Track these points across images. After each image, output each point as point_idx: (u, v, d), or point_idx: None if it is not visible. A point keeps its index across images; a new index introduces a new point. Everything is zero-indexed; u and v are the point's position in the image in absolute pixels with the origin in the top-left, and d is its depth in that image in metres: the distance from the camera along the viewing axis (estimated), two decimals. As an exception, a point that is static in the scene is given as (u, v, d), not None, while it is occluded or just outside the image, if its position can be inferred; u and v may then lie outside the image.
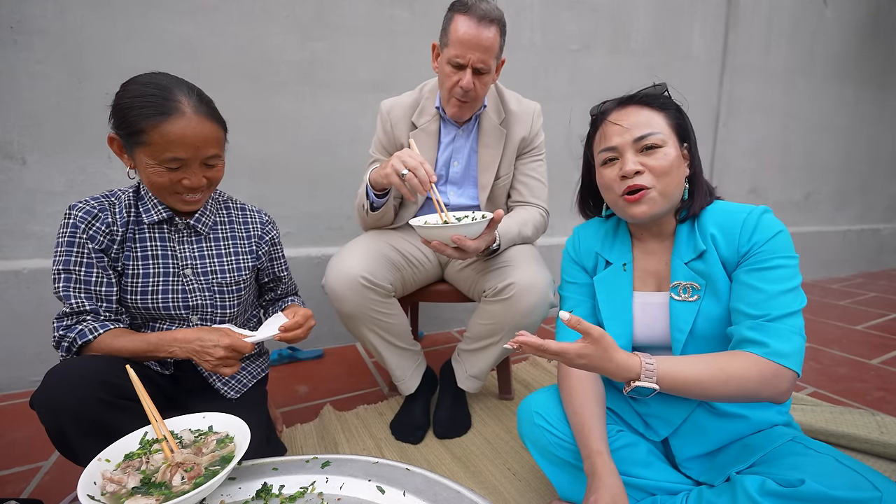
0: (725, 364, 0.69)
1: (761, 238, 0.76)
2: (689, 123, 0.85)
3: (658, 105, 0.82)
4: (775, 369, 0.68)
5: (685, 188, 0.84)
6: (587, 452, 0.80)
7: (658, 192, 0.79)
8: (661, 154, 0.79)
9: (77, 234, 0.84)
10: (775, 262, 0.74)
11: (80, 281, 0.85)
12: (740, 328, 0.73)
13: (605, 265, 0.94)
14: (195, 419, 0.75)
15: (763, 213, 0.78)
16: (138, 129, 0.79)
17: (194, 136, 0.81)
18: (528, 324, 1.17)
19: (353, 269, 1.14)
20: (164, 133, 0.79)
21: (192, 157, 0.82)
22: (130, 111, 0.79)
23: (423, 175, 0.98)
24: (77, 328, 0.83)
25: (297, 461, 0.73)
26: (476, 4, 1.11)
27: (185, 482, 0.60)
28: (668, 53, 2.64)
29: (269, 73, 1.79)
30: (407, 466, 0.71)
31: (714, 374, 0.67)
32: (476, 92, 1.19)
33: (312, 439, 1.28)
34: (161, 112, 0.79)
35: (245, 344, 0.83)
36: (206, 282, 0.95)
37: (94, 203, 0.87)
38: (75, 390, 0.73)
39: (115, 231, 0.88)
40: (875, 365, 1.81)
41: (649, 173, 0.79)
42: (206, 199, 0.93)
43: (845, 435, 1.21)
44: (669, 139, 0.80)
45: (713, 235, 0.80)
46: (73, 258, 0.84)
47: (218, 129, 0.86)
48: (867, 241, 3.70)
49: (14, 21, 1.47)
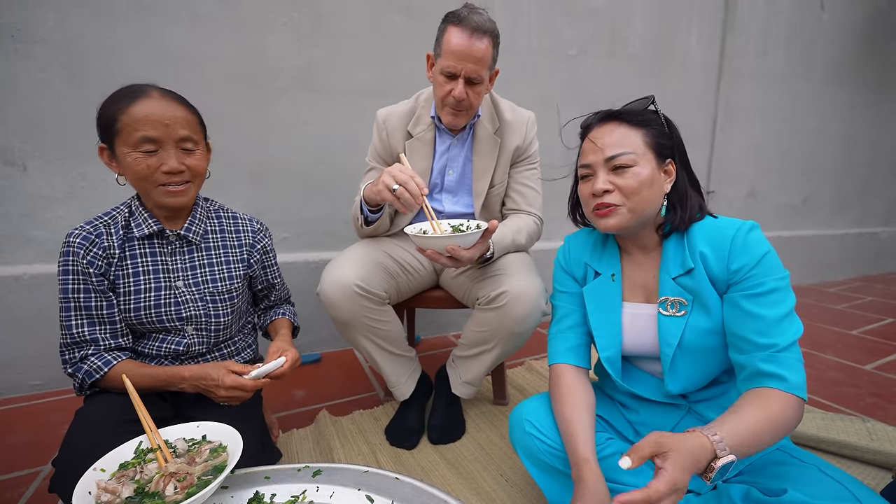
0: (765, 410, 0.69)
1: (750, 260, 0.77)
2: (677, 138, 0.86)
3: (637, 122, 0.83)
4: (796, 403, 0.71)
5: (663, 204, 0.85)
6: (575, 459, 0.81)
7: (627, 209, 0.82)
8: (630, 174, 0.80)
9: (76, 261, 0.86)
10: (770, 285, 0.75)
11: (81, 308, 0.87)
12: (753, 360, 0.74)
13: (594, 275, 0.95)
14: (189, 428, 0.76)
15: (750, 231, 0.79)
16: (111, 118, 0.82)
17: (161, 114, 0.84)
18: (521, 332, 1.18)
19: (347, 277, 1.16)
20: (132, 114, 0.82)
21: (163, 136, 0.84)
22: (105, 107, 0.84)
23: (413, 188, 1.00)
24: (83, 368, 0.86)
25: (289, 470, 0.74)
26: (469, 16, 1.13)
27: (178, 492, 0.61)
28: (666, 58, 2.66)
29: (267, 80, 1.81)
30: (396, 475, 0.72)
31: (762, 425, 0.67)
32: (469, 101, 1.21)
33: (308, 444, 1.30)
34: (129, 97, 0.83)
35: (246, 383, 0.86)
36: (198, 292, 0.96)
37: (91, 228, 0.88)
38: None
39: (112, 253, 0.89)
40: (869, 370, 1.81)
41: (618, 192, 0.81)
42: (192, 193, 0.93)
43: (836, 442, 1.22)
44: (643, 158, 0.81)
45: (702, 253, 0.81)
46: (72, 286, 0.86)
47: (188, 112, 0.89)
48: (865, 244, 3.71)
49: (15, 29, 1.49)
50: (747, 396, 0.72)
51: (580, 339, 0.96)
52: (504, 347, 1.23)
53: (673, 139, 0.85)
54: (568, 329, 0.97)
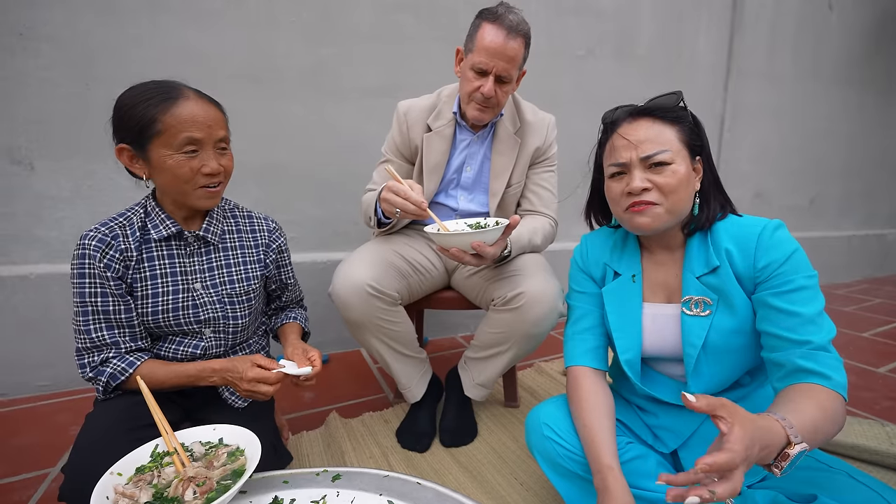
0: (818, 401, 0.65)
1: (779, 257, 0.75)
2: (704, 134, 0.84)
3: (671, 118, 0.81)
4: (842, 402, 0.68)
5: (695, 202, 0.83)
6: (598, 467, 0.79)
7: (665, 209, 0.79)
8: (669, 171, 0.78)
9: (92, 264, 0.83)
10: (800, 283, 0.73)
11: (99, 312, 0.84)
12: (790, 357, 0.71)
13: (613, 276, 0.94)
14: (205, 431, 0.75)
15: (777, 229, 0.78)
16: (149, 119, 0.80)
17: (204, 116, 0.83)
18: (537, 333, 1.16)
19: (359, 277, 1.14)
20: (176, 115, 0.80)
21: (206, 137, 0.84)
22: (136, 108, 0.80)
23: (412, 209, 1.02)
24: (106, 371, 0.84)
25: (307, 474, 0.72)
26: (505, 15, 1.13)
27: (198, 497, 0.60)
28: (674, 58, 2.64)
29: (275, 79, 1.79)
30: (418, 480, 0.70)
31: (819, 416, 0.62)
32: (497, 99, 1.20)
33: (318, 447, 1.28)
34: (168, 98, 0.81)
35: (269, 376, 0.84)
36: (216, 294, 0.94)
37: (106, 230, 0.85)
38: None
39: (130, 256, 0.87)
40: (883, 373, 1.80)
41: (657, 190, 0.78)
42: (222, 193, 0.93)
43: (856, 446, 1.20)
44: (679, 155, 0.79)
45: (728, 251, 0.80)
46: (89, 289, 0.83)
47: (221, 113, 0.89)
48: (872, 246, 3.69)
49: (23, 28, 1.48)
50: (795, 390, 0.68)
51: (598, 340, 0.94)
52: (519, 349, 1.21)
53: (701, 136, 0.83)
54: (586, 330, 0.95)
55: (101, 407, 0.86)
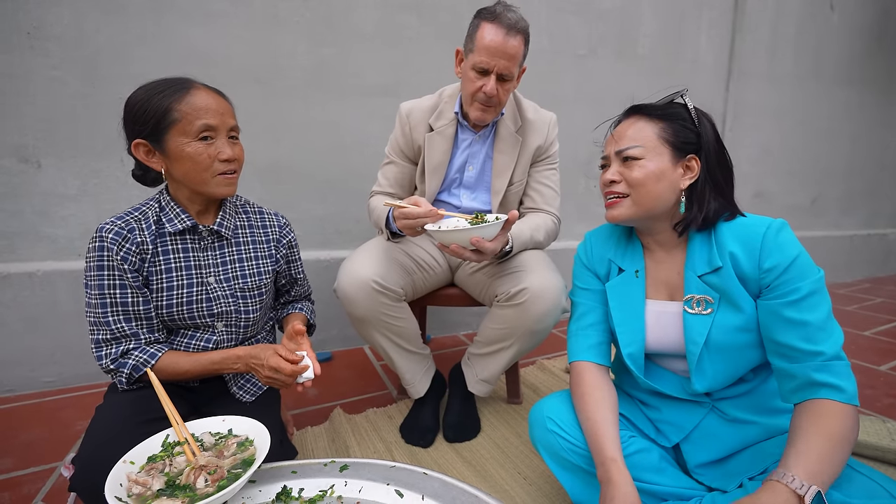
0: (828, 430, 0.68)
1: (783, 260, 0.75)
2: (705, 133, 0.83)
3: (657, 115, 0.83)
4: (854, 413, 0.70)
5: (681, 201, 0.84)
6: (601, 459, 0.80)
7: (631, 201, 0.84)
8: (637, 166, 0.82)
9: (110, 256, 0.84)
10: (808, 289, 0.74)
11: (117, 304, 0.85)
12: (805, 369, 0.72)
13: (617, 272, 0.95)
14: (215, 422, 0.76)
15: (780, 230, 0.78)
16: (165, 109, 0.82)
17: (217, 104, 0.87)
18: (541, 329, 1.17)
19: (365, 274, 1.16)
20: (192, 103, 0.84)
21: (220, 124, 0.86)
22: (150, 101, 0.83)
23: (430, 221, 1.04)
24: (128, 362, 0.85)
25: (315, 465, 0.74)
26: (503, 13, 1.13)
27: (209, 485, 0.61)
28: (675, 58, 2.65)
29: (279, 78, 1.81)
30: (424, 471, 0.71)
31: (830, 448, 0.66)
32: (499, 98, 1.21)
33: (323, 442, 1.29)
34: (181, 88, 0.84)
35: (286, 367, 0.83)
36: (229, 288, 0.95)
37: (122, 224, 0.86)
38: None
39: (145, 249, 0.88)
40: (884, 371, 1.80)
41: (625, 183, 0.84)
42: (237, 182, 0.95)
43: (857, 442, 1.21)
44: (652, 151, 0.82)
45: (732, 253, 0.80)
46: (107, 281, 0.84)
47: (230, 104, 0.92)
48: (874, 245, 3.69)
49: (31, 27, 1.49)
50: (806, 417, 0.70)
51: (601, 336, 0.95)
52: (522, 345, 1.22)
53: (700, 135, 0.84)
54: (589, 326, 0.96)
55: (112, 399, 0.87)
